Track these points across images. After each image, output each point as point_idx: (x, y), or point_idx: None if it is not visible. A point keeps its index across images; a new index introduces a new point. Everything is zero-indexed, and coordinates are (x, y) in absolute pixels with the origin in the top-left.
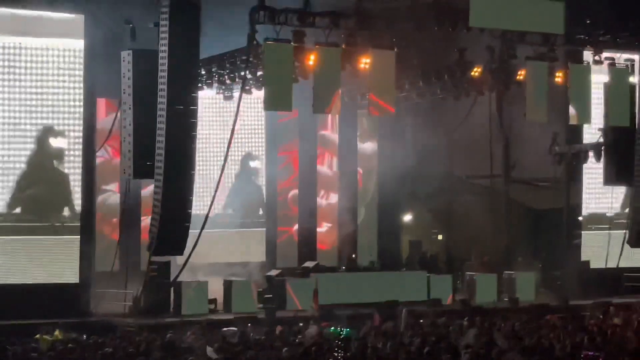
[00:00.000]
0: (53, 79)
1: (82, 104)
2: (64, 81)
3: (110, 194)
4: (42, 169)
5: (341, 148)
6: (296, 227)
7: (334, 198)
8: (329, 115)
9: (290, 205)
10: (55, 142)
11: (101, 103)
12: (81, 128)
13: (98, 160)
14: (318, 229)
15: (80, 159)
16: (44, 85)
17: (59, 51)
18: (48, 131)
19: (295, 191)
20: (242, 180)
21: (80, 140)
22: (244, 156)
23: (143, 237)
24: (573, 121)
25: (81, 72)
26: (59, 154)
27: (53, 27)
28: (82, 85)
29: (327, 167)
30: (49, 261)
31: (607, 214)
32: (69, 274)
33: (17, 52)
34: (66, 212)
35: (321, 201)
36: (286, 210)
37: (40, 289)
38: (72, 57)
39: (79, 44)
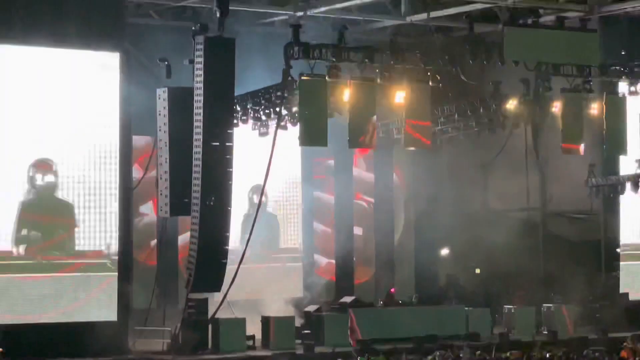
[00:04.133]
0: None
1: (117, 142)
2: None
3: (146, 218)
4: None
5: (377, 182)
6: (333, 261)
7: (370, 232)
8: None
9: (327, 240)
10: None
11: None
12: (117, 167)
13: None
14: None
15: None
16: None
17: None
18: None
19: (329, 231)
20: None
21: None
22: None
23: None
24: (609, 153)
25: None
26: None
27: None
28: (117, 122)
29: (362, 200)
30: (87, 299)
31: None
32: (108, 312)
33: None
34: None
35: (357, 235)
36: (323, 245)
37: (79, 327)
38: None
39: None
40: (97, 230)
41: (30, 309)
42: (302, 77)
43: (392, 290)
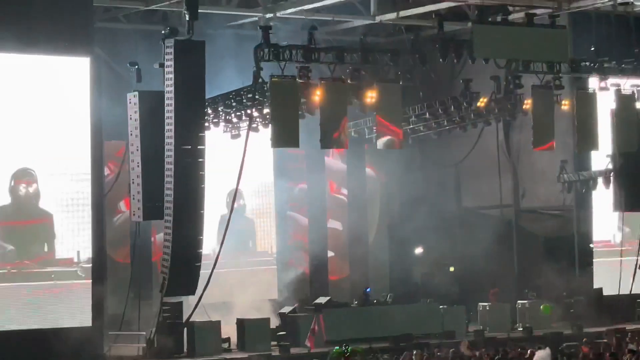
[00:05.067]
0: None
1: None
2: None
3: (123, 215)
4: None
5: (350, 182)
6: (307, 261)
7: (344, 232)
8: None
9: (301, 239)
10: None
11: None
12: (89, 172)
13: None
14: (329, 263)
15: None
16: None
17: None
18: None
19: (305, 222)
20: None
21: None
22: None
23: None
24: (580, 148)
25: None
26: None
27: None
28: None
29: (341, 195)
30: (61, 305)
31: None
32: (82, 317)
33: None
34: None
35: (337, 230)
36: (297, 245)
37: (53, 334)
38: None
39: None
40: (69, 237)
41: (3, 316)
42: (273, 79)
43: (368, 290)
